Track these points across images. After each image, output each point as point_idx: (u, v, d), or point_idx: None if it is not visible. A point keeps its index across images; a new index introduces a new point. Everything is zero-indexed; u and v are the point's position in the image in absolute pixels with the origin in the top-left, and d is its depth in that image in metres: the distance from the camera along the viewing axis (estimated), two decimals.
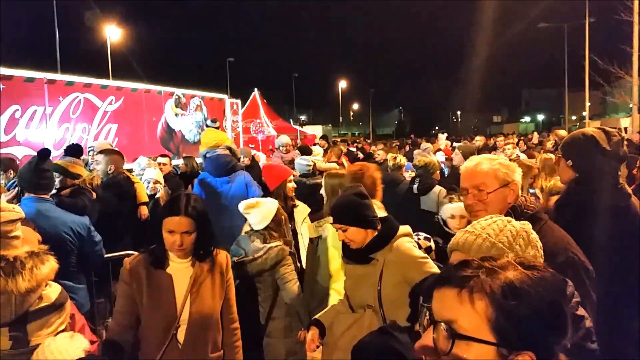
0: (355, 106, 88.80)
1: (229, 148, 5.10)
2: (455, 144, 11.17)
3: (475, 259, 0.99)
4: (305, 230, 3.91)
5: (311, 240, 3.44)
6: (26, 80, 10.99)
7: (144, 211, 4.97)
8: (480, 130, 53.72)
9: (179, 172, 7.66)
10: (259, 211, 3.30)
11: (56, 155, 5.66)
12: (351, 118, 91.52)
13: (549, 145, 9.64)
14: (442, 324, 0.94)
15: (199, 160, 8.31)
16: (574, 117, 51.75)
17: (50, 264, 1.99)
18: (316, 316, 2.75)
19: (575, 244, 2.02)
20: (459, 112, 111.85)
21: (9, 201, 3.52)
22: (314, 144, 12.02)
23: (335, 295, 3.14)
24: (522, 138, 16.89)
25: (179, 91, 15.34)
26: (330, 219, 3.02)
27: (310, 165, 5.56)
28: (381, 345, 2.40)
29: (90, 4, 28.88)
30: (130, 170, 5.80)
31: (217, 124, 6.54)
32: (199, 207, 2.36)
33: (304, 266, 3.59)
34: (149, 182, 5.39)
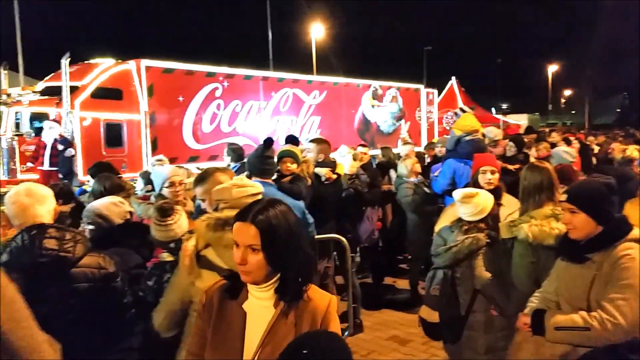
0: (567, 92, 79.66)
1: (483, 135, 5.26)
2: None
3: None
4: None
5: (504, 240, 3.18)
6: (245, 77, 12.43)
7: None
8: None
9: (376, 162, 7.72)
10: (477, 202, 3.22)
11: None
12: (562, 105, 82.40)
13: None
14: None
15: (395, 150, 8.27)
16: None
17: None
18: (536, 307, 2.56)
19: None
20: None
21: None
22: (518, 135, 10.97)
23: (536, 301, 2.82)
24: None
25: (375, 83, 15.67)
26: (528, 219, 2.90)
27: (573, 157, 5.22)
28: None
29: (301, 3, 31.36)
30: None
31: (472, 111, 6.57)
32: (277, 221, 1.67)
33: None
34: None
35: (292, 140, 5.30)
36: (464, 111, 6.32)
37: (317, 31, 29.69)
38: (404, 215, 5.90)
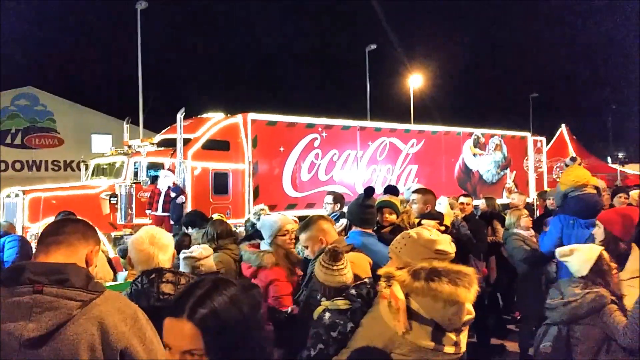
0: None
1: (597, 188, 4.81)
2: None
3: None
4: None
5: None
6: (343, 128, 12.68)
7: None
8: None
9: (480, 213, 7.36)
10: (576, 258, 3.12)
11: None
12: None
13: None
14: None
15: (499, 200, 7.87)
16: None
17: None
18: None
19: None
20: None
21: (339, 233, 3.89)
22: (635, 186, 9.99)
23: None
24: None
25: (477, 131, 15.22)
26: None
27: None
28: None
29: (399, 57, 31.99)
30: None
31: (579, 161, 6.14)
32: (227, 314, 1.22)
33: None
34: None
35: (391, 190, 5.21)
36: (573, 161, 5.84)
37: (415, 81, 29.81)
38: (512, 270, 5.51)
